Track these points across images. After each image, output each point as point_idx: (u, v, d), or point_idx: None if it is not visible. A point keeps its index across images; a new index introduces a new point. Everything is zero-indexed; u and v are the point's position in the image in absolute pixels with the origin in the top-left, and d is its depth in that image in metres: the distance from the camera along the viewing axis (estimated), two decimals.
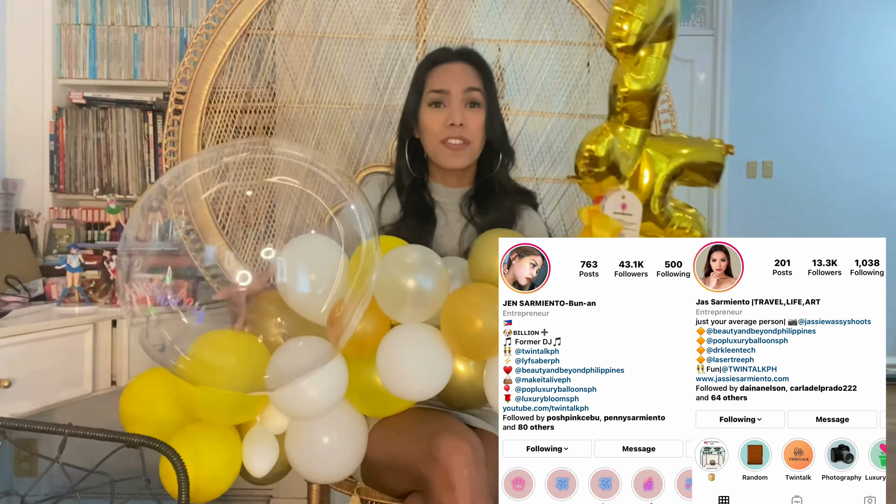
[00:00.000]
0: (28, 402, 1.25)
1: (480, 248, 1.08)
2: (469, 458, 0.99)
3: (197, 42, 1.55)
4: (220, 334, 1.03)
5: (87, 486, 0.85)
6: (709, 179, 1.10)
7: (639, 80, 1.01)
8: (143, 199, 1.06)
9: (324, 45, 1.66)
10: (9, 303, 1.45)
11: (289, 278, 0.99)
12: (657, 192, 1.05)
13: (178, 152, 1.55)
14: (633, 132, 1.02)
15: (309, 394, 1.00)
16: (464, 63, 1.34)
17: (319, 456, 1.07)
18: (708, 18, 4.37)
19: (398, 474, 1.13)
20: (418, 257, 1.05)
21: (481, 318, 0.98)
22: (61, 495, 0.91)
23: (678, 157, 1.06)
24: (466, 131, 1.29)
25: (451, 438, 1.01)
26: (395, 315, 1.05)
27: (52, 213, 1.95)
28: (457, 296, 1.03)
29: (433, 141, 1.31)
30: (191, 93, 1.55)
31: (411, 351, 1.02)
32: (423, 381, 1.02)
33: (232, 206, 1.53)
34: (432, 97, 1.31)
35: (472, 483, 0.97)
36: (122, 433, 0.91)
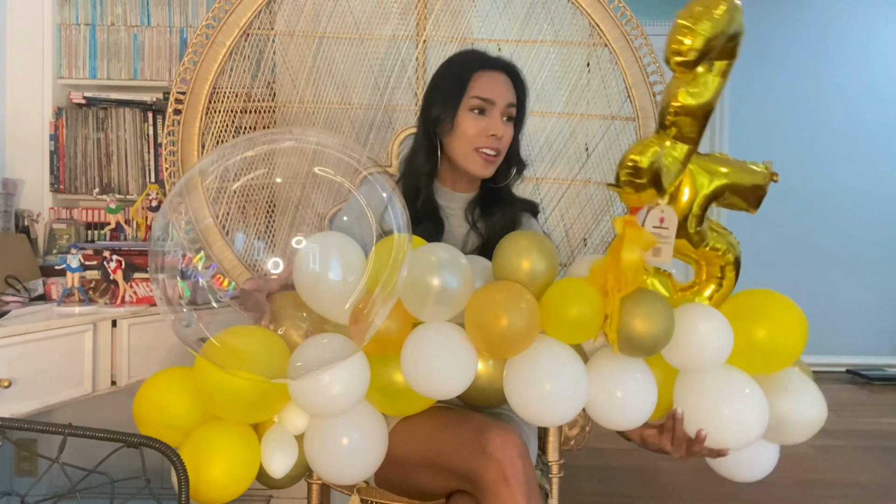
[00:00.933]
0: (28, 402, 1.25)
1: (505, 248, 1.08)
2: (521, 450, 1.01)
3: (197, 42, 1.55)
4: (248, 327, 1.04)
5: (87, 486, 0.85)
6: (749, 204, 1.08)
7: (693, 95, 0.99)
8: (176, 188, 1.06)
9: (324, 45, 1.66)
10: (9, 303, 1.45)
11: (320, 267, 0.99)
12: (695, 210, 1.04)
13: (178, 152, 1.55)
14: (680, 148, 1.01)
15: (332, 390, 0.99)
16: (508, 76, 1.33)
17: (339, 456, 1.06)
18: None
19: (435, 473, 1.11)
20: (445, 255, 1.04)
21: (506, 316, 0.98)
22: (61, 495, 0.92)
23: (720, 178, 1.05)
24: (501, 143, 1.30)
25: (501, 433, 1.02)
26: (419, 313, 1.05)
27: (52, 213, 1.95)
28: (481, 294, 1.03)
29: (466, 146, 1.30)
30: (191, 93, 1.55)
31: (438, 349, 1.02)
32: (450, 379, 1.02)
33: (232, 206, 1.53)
34: (476, 103, 1.29)
35: (525, 475, 0.99)
36: (123, 433, 0.91)
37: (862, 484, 2.43)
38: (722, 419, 1.02)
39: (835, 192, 4.32)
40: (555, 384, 1.00)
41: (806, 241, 4.30)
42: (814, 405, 1.08)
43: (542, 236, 1.10)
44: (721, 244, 1.08)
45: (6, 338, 1.20)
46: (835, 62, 4.31)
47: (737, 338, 1.04)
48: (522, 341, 1.01)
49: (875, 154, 4.31)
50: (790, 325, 1.07)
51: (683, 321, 1.03)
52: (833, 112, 4.31)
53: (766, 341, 1.06)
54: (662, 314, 0.99)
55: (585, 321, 1.02)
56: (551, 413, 1.02)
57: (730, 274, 1.09)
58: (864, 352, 4.27)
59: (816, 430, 1.09)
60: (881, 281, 4.32)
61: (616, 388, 1.02)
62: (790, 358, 1.09)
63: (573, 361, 1.03)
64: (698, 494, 2.33)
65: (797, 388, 1.08)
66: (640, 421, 1.05)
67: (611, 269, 1.01)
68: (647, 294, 1.02)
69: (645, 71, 1.62)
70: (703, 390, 1.04)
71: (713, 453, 1.05)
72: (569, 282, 1.05)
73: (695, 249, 1.07)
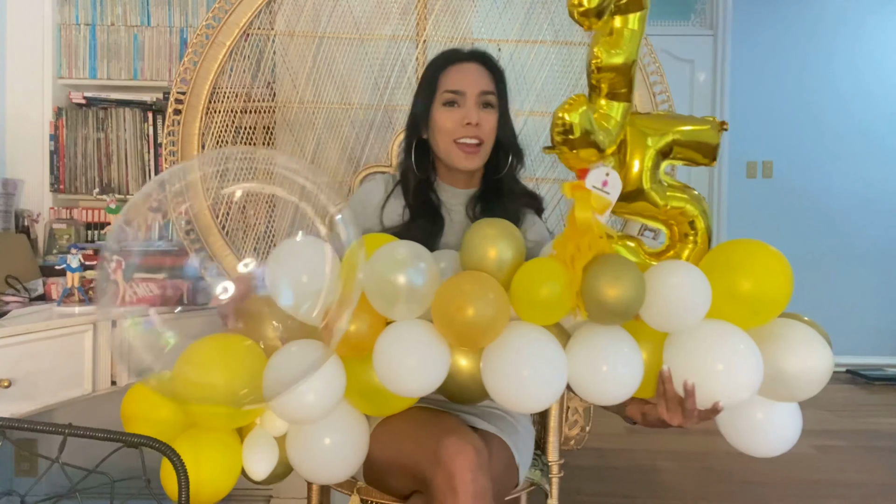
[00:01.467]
0: (28, 402, 1.25)
1: (471, 237, 1.06)
2: (473, 462, 0.99)
3: (197, 42, 1.55)
4: (206, 346, 1.00)
5: (87, 486, 0.85)
6: (705, 157, 1.06)
7: (612, 52, 0.98)
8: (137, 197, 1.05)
9: (324, 45, 1.66)
10: (9, 303, 1.45)
11: (272, 291, 0.99)
12: (647, 165, 1.03)
13: (178, 152, 1.55)
14: (616, 106, 1.00)
15: (306, 399, 0.99)
16: (478, 64, 1.34)
17: (321, 457, 1.06)
18: (708, 18, 4.37)
19: (401, 475, 1.13)
20: (406, 252, 1.03)
21: (473, 306, 0.96)
22: (61, 495, 0.91)
23: (667, 134, 1.04)
24: (481, 131, 1.29)
25: (455, 441, 1.01)
26: (388, 312, 1.04)
27: (52, 213, 1.95)
28: (447, 285, 1.01)
29: (446, 140, 1.30)
30: (191, 93, 1.55)
31: (406, 347, 1.00)
32: (421, 376, 1.00)
33: (232, 206, 1.53)
34: (447, 97, 1.30)
35: (474, 488, 0.97)
36: (122, 433, 0.91)
37: (862, 484, 2.43)
38: (708, 371, 0.97)
39: (835, 192, 4.32)
40: (532, 369, 0.98)
41: (806, 241, 4.30)
42: (815, 354, 1.00)
43: (508, 224, 1.08)
44: (679, 202, 1.06)
45: (6, 338, 1.20)
46: (835, 62, 4.31)
47: (718, 290, 1.00)
48: (490, 330, 0.99)
49: (875, 154, 4.32)
50: (772, 272, 1.02)
51: (655, 279, 1.00)
52: (833, 111, 4.31)
53: (749, 291, 1.00)
54: (629, 276, 0.97)
55: (556, 299, 0.99)
56: (531, 399, 1.00)
57: (700, 227, 1.06)
58: (864, 352, 4.27)
59: (822, 381, 1.00)
60: (881, 281, 4.32)
61: (601, 362, 0.99)
62: (777, 305, 1.03)
63: (550, 344, 1.01)
64: (698, 494, 2.33)
65: (796, 336, 1.02)
66: (628, 393, 1.01)
67: (570, 238, 1.00)
68: (610, 258, 1.00)
69: (645, 71, 1.62)
70: (687, 345, 1.00)
71: (709, 413, 1.00)
72: (534, 262, 1.03)
73: (656, 209, 1.05)
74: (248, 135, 1.64)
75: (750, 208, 4.31)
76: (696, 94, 4.35)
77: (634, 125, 1.04)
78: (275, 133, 1.67)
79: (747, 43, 4.30)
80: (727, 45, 4.29)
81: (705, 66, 4.34)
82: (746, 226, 4.28)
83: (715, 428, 1.07)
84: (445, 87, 1.31)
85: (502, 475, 1.15)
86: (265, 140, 1.66)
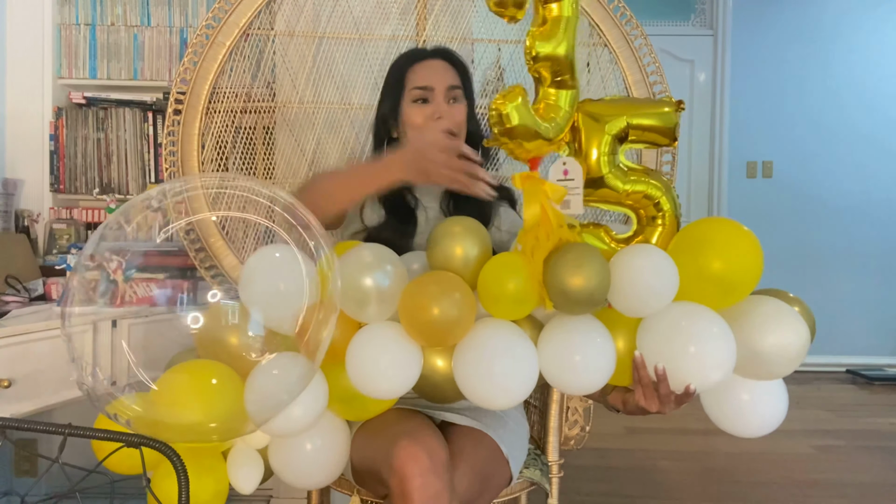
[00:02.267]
0: (28, 402, 1.25)
1: (436, 236, 1.06)
2: (424, 466, 0.98)
3: (197, 42, 1.55)
4: (177, 383, 0.96)
5: (87, 486, 0.85)
6: (665, 138, 1.04)
7: (545, 43, 0.98)
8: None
9: (324, 45, 1.66)
10: (9, 303, 1.45)
11: (246, 321, 0.98)
12: (603, 150, 1.02)
13: (178, 152, 1.55)
14: (563, 95, 1.00)
15: (293, 413, 0.98)
16: (442, 60, 1.35)
17: (303, 463, 1.07)
18: (708, 18, 4.37)
19: (373, 479, 1.14)
20: (371, 255, 1.03)
21: (437, 305, 0.95)
22: (61, 495, 0.91)
23: (621, 118, 1.03)
24: (452, 124, 1.30)
25: (407, 445, 1.00)
26: (359, 316, 1.03)
27: (52, 213, 1.95)
28: (412, 286, 1.00)
29: (418, 136, 1.30)
30: (191, 93, 1.55)
31: (375, 349, 1.00)
32: (391, 377, 0.99)
33: (232, 206, 1.53)
34: (416, 94, 1.31)
35: (427, 493, 0.96)
36: (123, 433, 0.91)
37: (862, 484, 2.43)
38: (679, 353, 0.96)
39: (835, 192, 4.32)
40: (501, 365, 0.97)
41: (805, 241, 4.30)
42: (789, 329, 0.97)
43: (473, 221, 1.07)
44: (641, 186, 1.04)
45: (6, 338, 1.20)
46: (835, 62, 4.31)
47: (688, 270, 0.98)
48: (457, 328, 0.98)
49: (875, 154, 4.32)
50: (741, 250, 1.00)
51: (619, 264, 0.99)
52: (833, 111, 4.32)
53: (719, 270, 0.98)
54: (591, 263, 0.95)
55: (521, 294, 0.98)
56: (503, 394, 0.98)
57: (666, 208, 1.04)
58: (864, 352, 4.27)
59: (799, 358, 0.98)
60: (881, 281, 4.32)
61: (573, 352, 0.97)
62: (748, 284, 1.01)
63: (519, 339, 1.00)
64: (698, 494, 2.33)
65: (768, 312, 0.99)
66: (602, 382, 0.99)
67: (528, 231, 0.99)
68: (572, 246, 0.98)
69: (645, 71, 1.62)
70: (658, 329, 0.99)
71: (683, 397, 0.99)
72: (498, 258, 1.02)
73: (618, 194, 1.04)
74: (248, 135, 1.64)
75: (750, 208, 4.31)
76: (696, 94, 4.35)
77: (587, 111, 1.03)
78: (275, 133, 1.67)
79: (747, 43, 4.30)
80: (727, 45, 4.29)
81: (705, 66, 4.34)
82: (746, 225, 4.28)
83: (715, 428, 1.07)
84: (413, 84, 1.31)
85: (487, 468, 1.15)
86: (265, 140, 1.66)
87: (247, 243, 1.59)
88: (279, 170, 1.67)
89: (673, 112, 1.04)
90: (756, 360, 0.99)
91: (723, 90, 4.30)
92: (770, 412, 1.04)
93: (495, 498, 1.21)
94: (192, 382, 0.96)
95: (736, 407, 1.04)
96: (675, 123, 1.04)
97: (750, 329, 0.99)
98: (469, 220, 1.07)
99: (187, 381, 0.97)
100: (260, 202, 1.05)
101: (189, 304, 1.05)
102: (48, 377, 1.29)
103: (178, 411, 0.93)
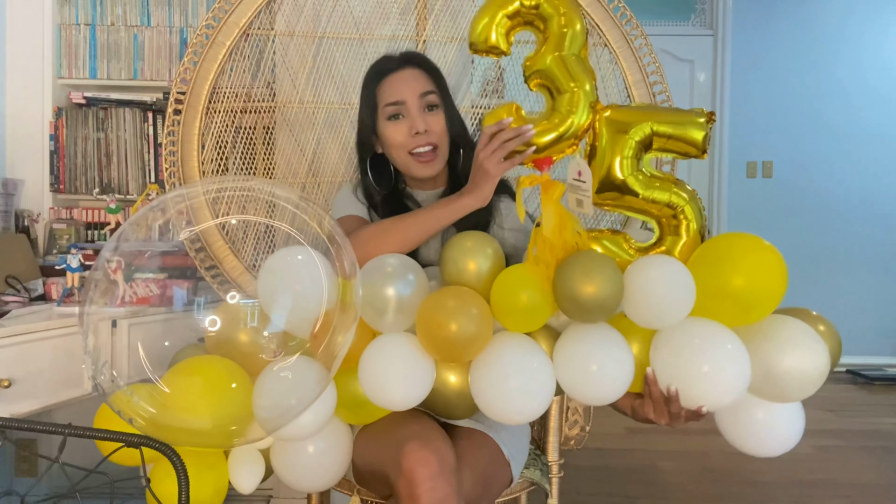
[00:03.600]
0: (28, 402, 1.25)
1: (450, 251, 1.06)
2: (434, 469, 0.98)
3: (197, 42, 1.55)
4: (189, 386, 0.95)
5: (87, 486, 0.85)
6: (693, 149, 1.02)
7: (534, 61, 1.06)
8: None
9: (324, 45, 1.66)
10: (9, 303, 1.45)
11: (264, 302, 0.98)
12: (626, 154, 1.01)
13: (178, 152, 1.55)
14: (561, 99, 1.03)
15: (302, 420, 0.97)
16: (411, 68, 1.31)
17: (305, 466, 1.07)
18: (708, 18, 4.37)
19: (377, 481, 1.14)
20: (396, 264, 1.03)
21: (455, 322, 0.95)
22: (61, 495, 0.91)
23: (643, 124, 1.01)
24: (432, 136, 1.28)
25: (416, 448, 1.00)
26: (377, 324, 1.03)
27: (52, 213, 1.95)
28: (429, 301, 1.00)
29: (401, 153, 1.29)
30: (191, 93, 1.55)
31: (390, 360, 0.99)
32: (404, 389, 1.00)
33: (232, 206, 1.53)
34: (389, 111, 1.28)
35: (436, 496, 0.96)
36: (123, 433, 0.91)
37: (862, 484, 2.43)
38: (693, 373, 0.94)
39: (835, 193, 4.32)
40: (519, 381, 0.96)
41: (805, 241, 4.30)
42: (808, 354, 0.94)
43: (486, 235, 1.08)
44: (664, 194, 1.02)
45: (6, 338, 1.20)
46: (835, 62, 4.31)
47: (709, 286, 0.96)
48: (475, 344, 0.98)
49: (875, 154, 4.32)
50: (766, 268, 0.97)
51: (635, 274, 0.97)
52: (833, 111, 4.31)
53: (739, 287, 0.95)
54: (603, 270, 0.94)
55: (536, 305, 0.98)
56: (520, 410, 0.98)
57: (689, 219, 1.02)
58: (864, 352, 4.27)
59: (817, 383, 0.95)
60: (881, 281, 4.32)
61: (590, 362, 0.96)
62: (770, 303, 0.98)
63: (536, 354, 1.00)
64: (698, 494, 2.33)
65: (789, 336, 0.96)
66: (619, 393, 0.98)
67: (541, 237, 1.00)
68: (584, 253, 0.98)
69: (645, 71, 1.62)
70: (673, 345, 0.96)
71: (694, 415, 0.99)
72: (510, 271, 1.02)
73: (641, 202, 1.02)
74: (248, 135, 1.64)
75: (750, 208, 4.31)
76: (696, 94, 4.35)
77: (610, 115, 1.03)
78: (275, 133, 1.67)
79: (747, 43, 4.30)
80: (727, 45, 4.29)
81: (705, 66, 4.34)
82: (746, 226, 4.28)
83: (715, 428, 1.07)
84: (385, 101, 1.28)
85: (489, 470, 1.15)
86: (265, 140, 1.66)
87: (247, 243, 1.59)
88: (279, 170, 1.67)
89: (703, 122, 1.01)
90: (772, 382, 0.96)
91: (723, 90, 4.30)
92: (785, 433, 1.01)
93: (496, 499, 1.21)
94: (204, 385, 0.96)
95: (750, 425, 1.01)
96: (704, 134, 1.01)
97: (767, 350, 0.96)
98: (480, 235, 1.07)
99: (199, 385, 0.96)
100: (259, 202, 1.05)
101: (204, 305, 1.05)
102: (48, 377, 1.29)
103: (187, 417, 0.93)
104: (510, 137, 1.03)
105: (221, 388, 0.96)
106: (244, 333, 0.99)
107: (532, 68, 1.05)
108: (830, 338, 1.01)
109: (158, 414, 0.92)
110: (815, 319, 1.03)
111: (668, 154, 1.04)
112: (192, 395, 0.95)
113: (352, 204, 1.36)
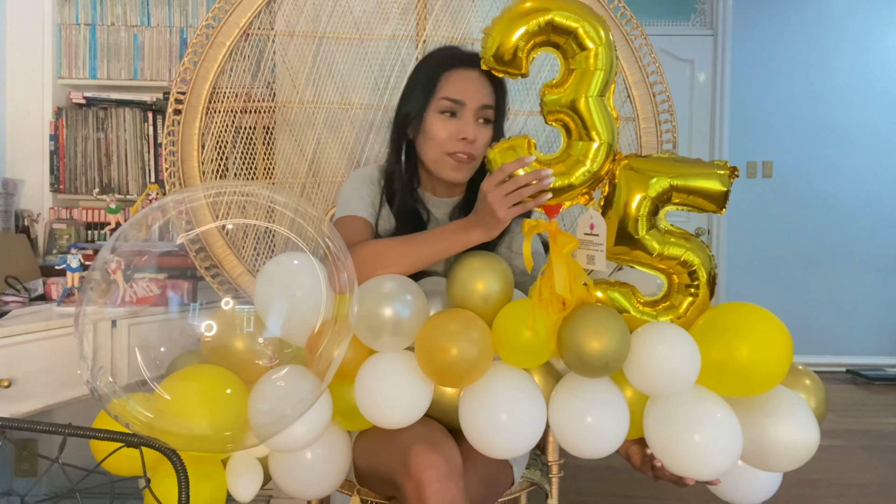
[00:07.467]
0: (28, 402, 1.25)
1: (457, 272, 1.03)
2: (442, 472, 0.98)
3: (197, 42, 1.55)
4: (186, 391, 0.95)
5: (87, 486, 0.85)
6: (712, 204, 0.98)
7: (553, 92, 1.03)
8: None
9: (324, 45, 1.66)
10: (9, 303, 1.45)
11: (260, 309, 0.98)
12: (642, 212, 0.97)
13: (178, 152, 1.55)
14: (576, 145, 1.00)
15: (296, 431, 0.97)
16: (481, 74, 1.22)
17: (304, 474, 1.07)
18: (708, 18, 4.37)
19: (380, 482, 1.14)
20: (394, 286, 1.02)
21: (456, 346, 0.94)
22: (61, 495, 0.91)
23: (662, 178, 0.97)
24: (475, 147, 1.21)
25: (424, 451, 0.99)
26: (373, 344, 1.02)
27: (52, 213, 1.95)
28: (431, 323, 0.99)
29: (437, 150, 1.22)
30: (191, 93, 1.55)
31: (387, 380, 0.99)
32: (400, 410, 0.99)
33: (232, 207, 1.53)
34: (445, 105, 1.20)
35: (444, 498, 0.96)
36: (123, 433, 0.91)
37: (862, 484, 2.43)
38: (683, 447, 0.94)
39: (835, 192, 4.32)
40: (510, 415, 0.95)
41: (806, 241, 4.30)
42: (799, 430, 0.95)
43: (496, 256, 1.05)
44: (678, 251, 0.98)
45: (6, 338, 1.20)
46: (835, 62, 4.31)
47: (711, 357, 0.96)
48: (473, 372, 0.97)
49: (875, 153, 4.31)
50: (770, 343, 0.95)
51: (642, 343, 0.95)
52: (833, 111, 4.31)
53: (743, 361, 0.94)
54: (612, 330, 0.92)
55: (537, 346, 0.96)
56: (507, 444, 0.97)
57: (701, 278, 0.99)
58: (864, 352, 4.27)
59: (804, 458, 0.97)
60: (881, 281, 4.32)
61: (585, 412, 0.95)
62: (772, 378, 0.97)
63: (530, 390, 0.99)
64: (698, 495, 2.32)
65: (782, 411, 0.97)
66: (613, 447, 0.98)
67: (548, 284, 0.97)
68: (593, 309, 0.96)
69: (645, 71, 1.62)
70: (665, 416, 0.96)
71: (679, 481, 1.00)
72: (515, 305, 1.00)
73: (650, 257, 0.99)
74: (248, 135, 1.64)
75: (750, 208, 4.31)
76: (696, 94, 4.35)
77: (630, 166, 0.99)
78: (275, 133, 1.67)
79: (747, 43, 4.30)
80: (727, 45, 4.29)
81: (705, 66, 4.34)
82: (747, 226, 4.29)
83: None
84: (444, 94, 1.20)
85: (492, 472, 1.15)
86: (265, 140, 1.66)
87: (247, 243, 1.59)
88: (279, 170, 1.67)
89: (725, 176, 0.97)
90: (762, 455, 0.97)
91: (723, 90, 4.30)
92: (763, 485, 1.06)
93: (498, 499, 1.21)
94: (200, 391, 0.96)
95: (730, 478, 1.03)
96: (724, 190, 0.97)
97: (759, 424, 0.96)
98: (491, 256, 1.05)
99: (195, 391, 0.96)
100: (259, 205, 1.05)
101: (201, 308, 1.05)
102: (48, 377, 1.29)
103: (184, 422, 0.93)
104: (527, 183, 0.99)
105: (217, 393, 0.97)
106: (239, 340, 0.99)
107: (555, 104, 0.99)
108: (817, 391, 1.04)
109: (155, 419, 0.92)
110: (800, 374, 1.05)
111: (684, 207, 1.01)
112: (189, 401, 0.95)
113: (361, 196, 1.29)
